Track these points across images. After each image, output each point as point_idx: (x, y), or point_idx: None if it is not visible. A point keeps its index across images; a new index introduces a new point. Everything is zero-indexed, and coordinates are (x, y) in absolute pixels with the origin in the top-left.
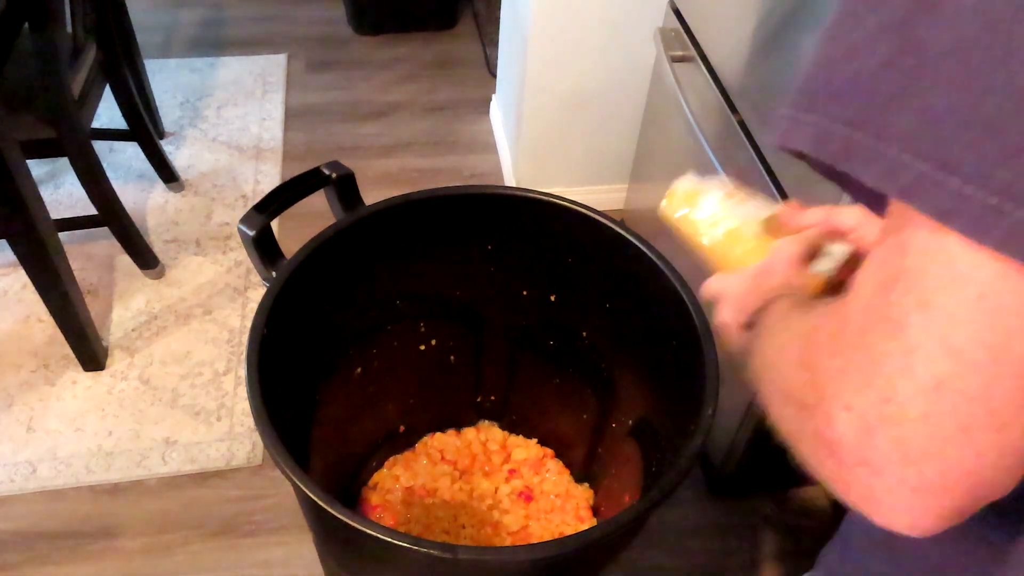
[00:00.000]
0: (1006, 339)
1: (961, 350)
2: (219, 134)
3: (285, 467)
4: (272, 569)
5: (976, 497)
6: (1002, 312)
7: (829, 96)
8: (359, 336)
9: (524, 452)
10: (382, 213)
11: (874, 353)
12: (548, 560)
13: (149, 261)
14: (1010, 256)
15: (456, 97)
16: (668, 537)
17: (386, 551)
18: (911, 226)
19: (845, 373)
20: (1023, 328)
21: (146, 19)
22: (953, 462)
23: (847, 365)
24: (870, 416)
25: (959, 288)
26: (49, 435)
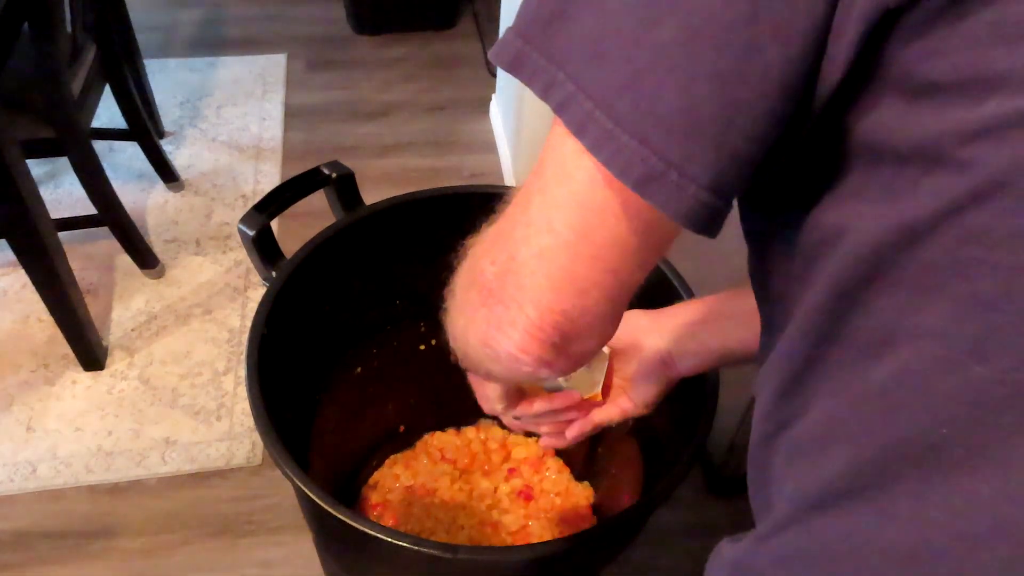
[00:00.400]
0: (588, 229)
1: (558, 231)
2: (219, 134)
3: (285, 467)
4: (272, 569)
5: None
6: (587, 208)
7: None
8: (359, 336)
9: (524, 451)
10: (382, 213)
11: (511, 222)
12: (548, 560)
13: (149, 261)
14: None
15: (456, 97)
16: (668, 537)
17: (386, 551)
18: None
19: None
20: (601, 224)
21: (146, 19)
22: (546, 308)
23: (494, 233)
24: (503, 268)
25: (564, 183)
26: (49, 435)
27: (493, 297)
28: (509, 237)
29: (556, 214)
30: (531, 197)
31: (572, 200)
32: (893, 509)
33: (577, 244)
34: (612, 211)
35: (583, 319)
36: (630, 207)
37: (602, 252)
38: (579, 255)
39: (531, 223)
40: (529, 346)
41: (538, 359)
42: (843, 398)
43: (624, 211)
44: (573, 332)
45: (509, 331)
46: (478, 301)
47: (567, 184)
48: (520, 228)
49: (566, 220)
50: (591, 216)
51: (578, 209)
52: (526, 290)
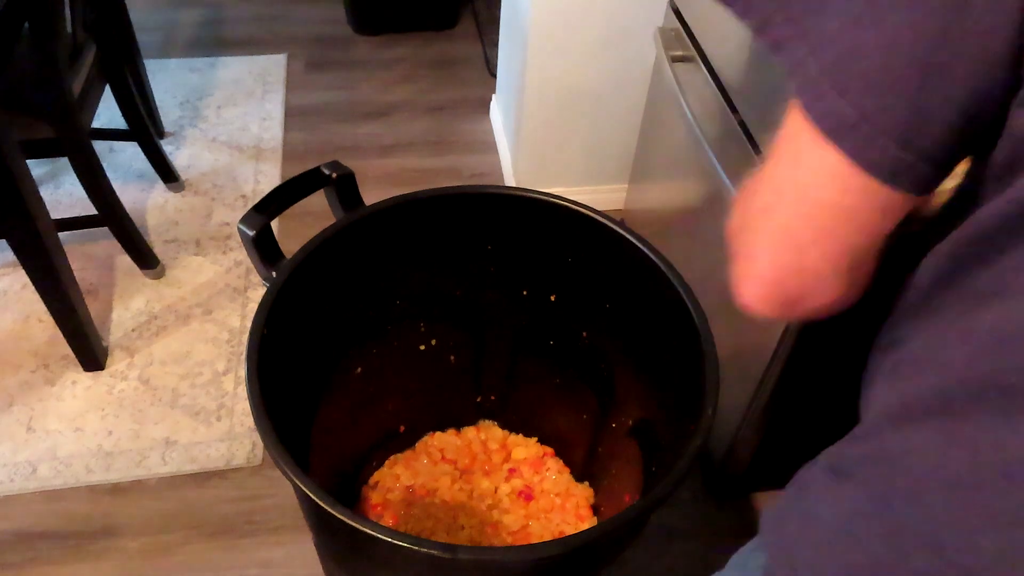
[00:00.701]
0: (804, 188)
1: (780, 189)
2: (219, 134)
3: (285, 467)
4: (272, 569)
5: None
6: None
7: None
8: (359, 336)
9: (524, 451)
10: (382, 213)
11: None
12: (548, 560)
13: (149, 261)
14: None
15: (456, 97)
16: (668, 537)
17: (386, 551)
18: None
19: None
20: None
21: (146, 19)
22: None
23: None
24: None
25: (789, 144)
26: (49, 435)
27: (735, 252)
28: (749, 193)
29: (780, 173)
30: (770, 156)
31: (793, 159)
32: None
33: (795, 203)
34: (826, 171)
35: (802, 277)
36: (841, 167)
37: (817, 212)
38: (796, 213)
39: (762, 179)
40: (758, 301)
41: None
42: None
43: (837, 171)
44: (796, 288)
45: (742, 286)
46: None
47: (791, 142)
48: (755, 183)
49: (786, 179)
50: (807, 175)
51: (797, 168)
52: (753, 245)
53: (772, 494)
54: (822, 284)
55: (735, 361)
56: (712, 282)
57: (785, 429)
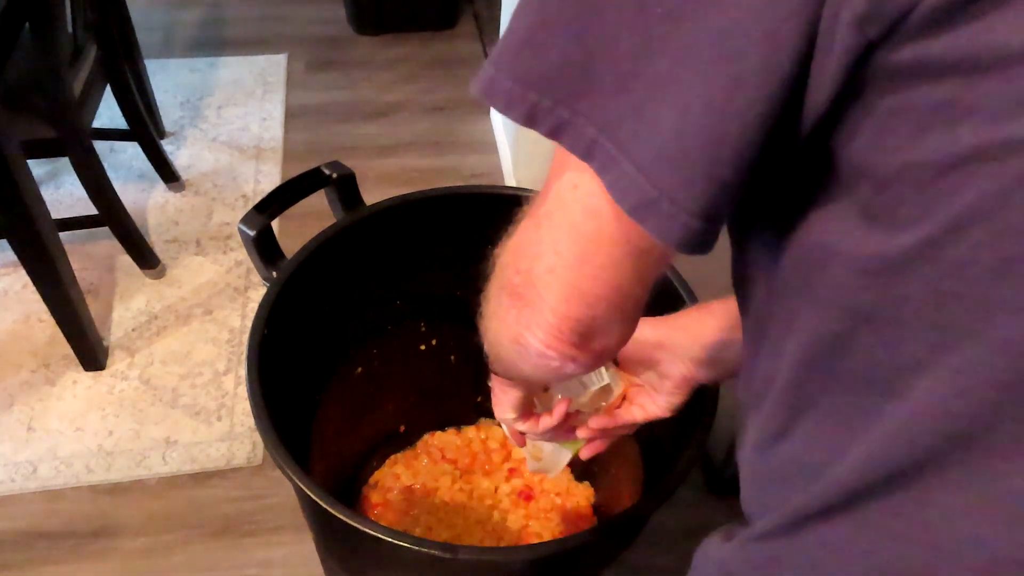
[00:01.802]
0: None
1: (562, 254)
2: (219, 134)
3: (285, 467)
4: (272, 569)
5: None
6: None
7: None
8: (359, 336)
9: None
10: (382, 213)
11: (528, 238)
12: (548, 560)
13: (149, 261)
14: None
15: (456, 97)
16: (668, 537)
17: (386, 551)
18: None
19: (516, 248)
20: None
21: (146, 19)
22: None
23: (517, 243)
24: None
25: (565, 211)
26: (49, 435)
27: (521, 300)
28: (526, 252)
29: (560, 238)
30: (540, 220)
31: (571, 228)
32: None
33: (579, 266)
34: (607, 238)
35: (595, 324)
36: (623, 234)
37: (602, 272)
38: (582, 275)
39: (541, 242)
40: (553, 343)
41: (562, 355)
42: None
43: (618, 237)
44: (589, 333)
45: (535, 330)
46: (508, 303)
47: (567, 213)
48: (533, 246)
49: (568, 245)
50: (589, 243)
51: (577, 236)
52: (544, 299)
53: None
54: (609, 328)
55: None
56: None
57: None
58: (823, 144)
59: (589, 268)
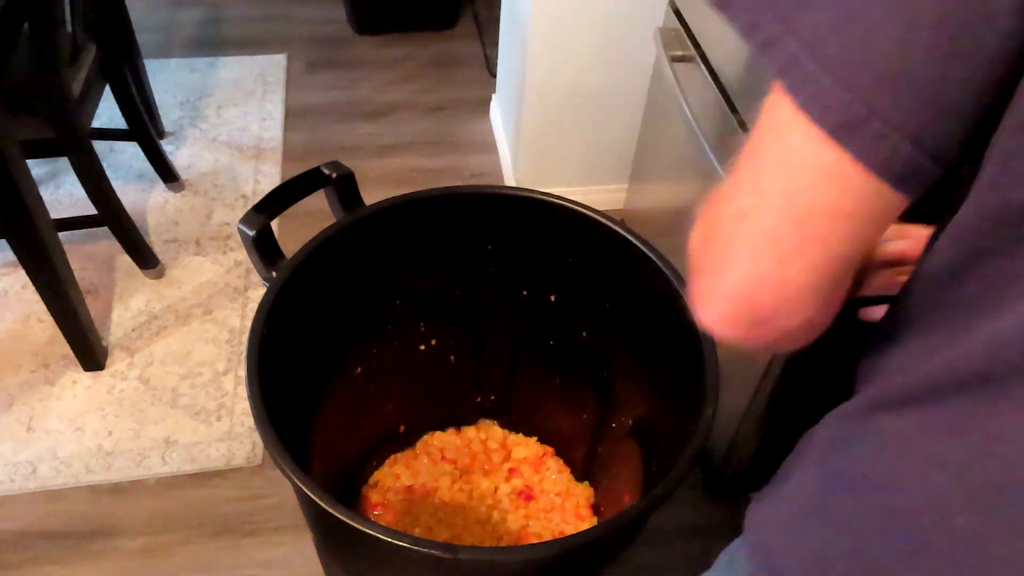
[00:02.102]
0: (796, 192)
1: (763, 191)
2: (219, 134)
3: (285, 467)
4: (272, 569)
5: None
6: (797, 167)
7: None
8: (359, 336)
9: (524, 450)
10: (382, 213)
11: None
12: (548, 560)
13: (149, 261)
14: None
15: (456, 97)
16: (668, 537)
17: (386, 551)
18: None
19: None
20: (811, 187)
21: (146, 19)
22: (741, 279)
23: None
24: (706, 231)
25: (775, 144)
26: (49, 435)
27: (696, 268)
28: (716, 199)
29: (764, 173)
30: (743, 160)
31: (781, 158)
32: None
33: (783, 206)
34: (824, 171)
35: (782, 290)
36: (844, 167)
37: (809, 217)
38: (784, 218)
39: (738, 183)
40: (724, 319)
41: (737, 336)
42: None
43: (837, 172)
44: (770, 305)
45: (707, 302)
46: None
47: (778, 141)
48: (726, 189)
49: (773, 180)
50: (801, 176)
51: (787, 168)
52: (725, 255)
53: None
54: (800, 300)
55: (735, 361)
56: None
57: (785, 429)
58: None
59: (794, 209)
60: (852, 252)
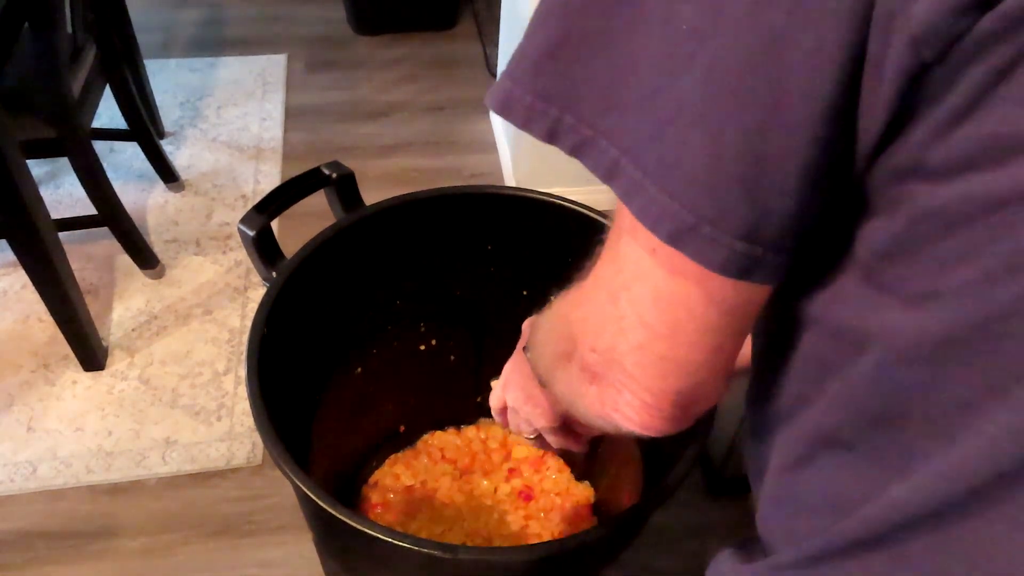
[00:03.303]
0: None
1: (651, 325)
2: (219, 134)
3: (285, 467)
4: (272, 569)
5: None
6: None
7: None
8: (359, 336)
9: (524, 450)
10: (382, 213)
11: (602, 313)
12: (548, 560)
13: (149, 261)
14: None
15: (456, 97)
16: (668, 537)
17: (386, 551)
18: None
19: (586, 322)
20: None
21: (146, 19)
22: (660, 391)
23: (587, 317)
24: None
25: (645, 282)
26: (49, 435)
27: (603, 381)
28: (604, 328)
29: (645, 310)
30: (616, 292)
31: (657, 298)
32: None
33: (673, 335)
34: (697, 299)
35: (698, 390)
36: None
37: (699, 337)
38: (677, 344)
39: (623, 317)
40: (651, 422)
41: (662, 429)
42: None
43: (709, 295)
44: (690, 402)
45: (628, 411)
46: (584, 379)
47: (649, 281)
48: (613, 322)
49: (656, 316)
50: (678, 309)
51: (664, 304)
52: (636, 378)
53: None
54: (715, 389)
55: None
56: None
57: None
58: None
59: (684, 335)
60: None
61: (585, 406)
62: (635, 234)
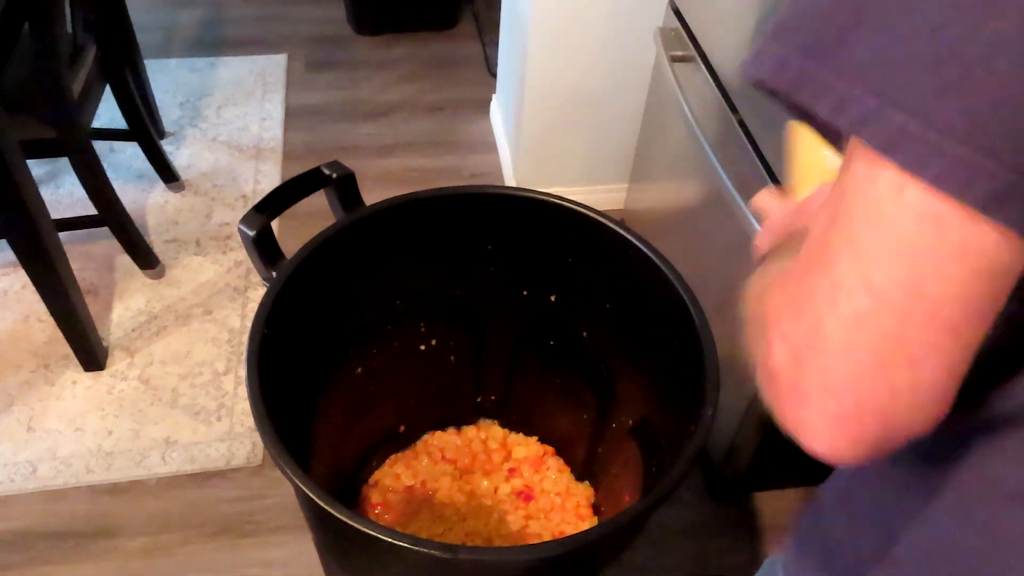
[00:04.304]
0: (920, 281)
1: (879, 288)
2: (219, 134)
3: (285, 467)
4: (272, 569)
5: (890, 430)
6: (918, 255)
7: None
8: (359, 336)
9: (524, 450)
10: (382, 213)
11: (809, 286)
12: (548, 560)
13: (149, 261)
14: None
15: (456, 97)
16: (668, 537)
17: (386, 551)
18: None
19: (786, 304)
20: (937, 271)
21: (146, 19)
22: (867, 394)
23: (788, 297)
24: (800, 345)
25: (882, 228)
26: (49, 435)
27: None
28: (806, 304)
29: (875, 268)
30: (835, 253)
31: (897, 246)
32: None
33: (908, 302)
34: (952, 251)
35: (916, 396)
36: (974, 242)
37: (940, 308)
38: (911, 315)
39: (840, 284)
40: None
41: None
42: None
43: (967, 250)
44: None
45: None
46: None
47: (887, 228)
48: (823, 292)
49: (890, 273)
50: (925, 263)
51: (906, 257)
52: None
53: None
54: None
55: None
56: (712, 282)
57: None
58: None
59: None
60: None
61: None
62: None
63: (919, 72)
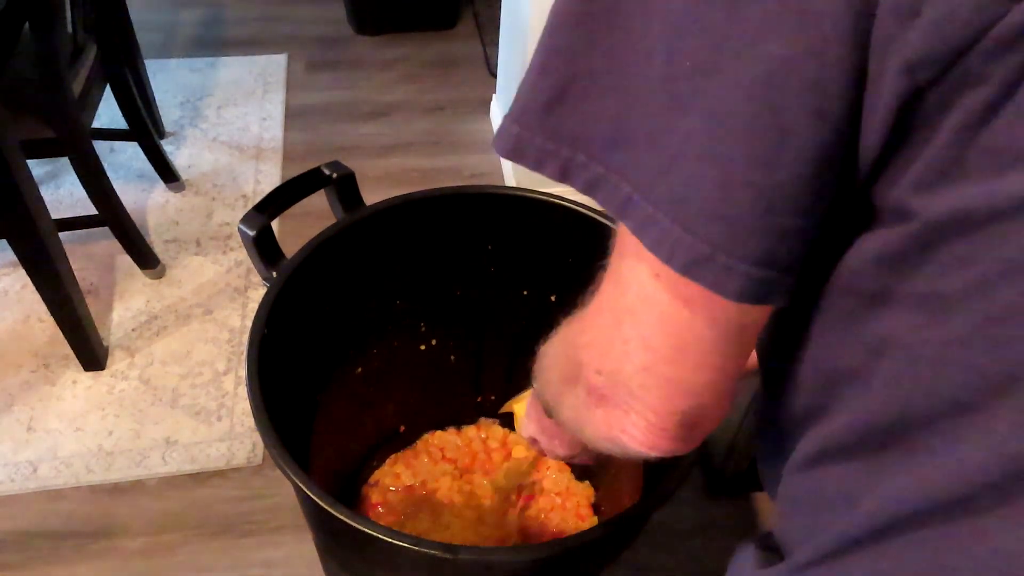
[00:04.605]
0: (682, 344)
1: (655, 348)
2: (219, 134)
3: (285, 467)
4: (272, 569)
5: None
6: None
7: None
8: (359, 336)
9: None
10: (382, 213)
11: (607, 336)
12: (548, 560)
13: (149, 261)
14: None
15: (456, 97)
16: (668, 537)
17: (386, 551)
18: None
19: (591, 346)
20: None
21: (146, 19)
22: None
23: (592, 340)
24: (613, 379)
25: (650, 306)
26: (49, 435)
27: (609, 402)
28: (608, 351)
29: (651, 333)
30: (620, 316)
31: (662, 321)
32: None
33: (677, 357)
34: (702, 322)
35: (701, 412)
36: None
37: (704, 359)
38: (682, 365)
39: (628, 340)
40: (657, 442)
41: (667, 449)
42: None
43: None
44: (696, 422)
45: (633, 432)
46: (590, 402)
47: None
48: (617, 345)
49: (662, 339)
50: (683, 332)
51: (669, 327)
52: (641, 399)
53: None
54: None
55: None
56: None
57: None
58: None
59: (689, 357)
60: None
61: (592, 430)
62: (639, 259)
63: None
